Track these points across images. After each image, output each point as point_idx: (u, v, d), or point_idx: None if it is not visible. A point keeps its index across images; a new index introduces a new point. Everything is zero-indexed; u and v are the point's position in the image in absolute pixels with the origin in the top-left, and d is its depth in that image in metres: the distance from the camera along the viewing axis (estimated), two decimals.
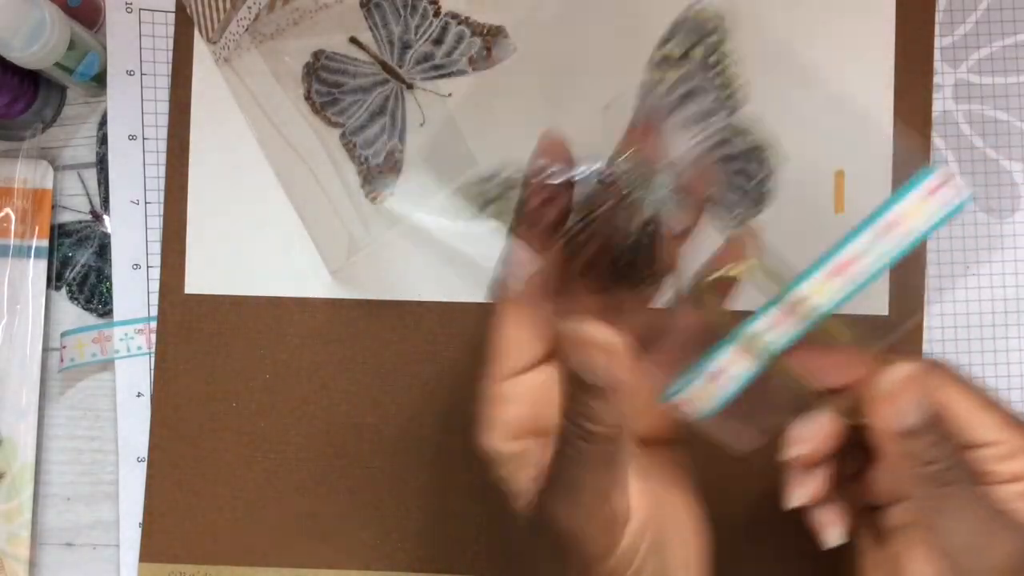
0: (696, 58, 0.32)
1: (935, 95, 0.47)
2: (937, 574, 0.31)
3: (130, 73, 0.47)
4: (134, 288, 0.47)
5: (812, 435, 0.34)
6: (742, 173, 0.34)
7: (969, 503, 0.31)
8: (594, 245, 0.32)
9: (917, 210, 0.32)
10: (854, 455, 0.34)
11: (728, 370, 0.33)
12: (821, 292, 0.32)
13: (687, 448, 0.36)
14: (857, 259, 0.32)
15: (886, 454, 0.32)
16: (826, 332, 0.33)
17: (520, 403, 0.31)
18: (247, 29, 0.46)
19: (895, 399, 0.31)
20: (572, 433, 0.29)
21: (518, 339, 0.31)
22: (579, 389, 0.29)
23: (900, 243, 0.32)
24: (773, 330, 0.33)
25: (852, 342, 0.34)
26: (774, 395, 0.34)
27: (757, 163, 0.35)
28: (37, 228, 0.47)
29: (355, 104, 0.47)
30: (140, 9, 0.47)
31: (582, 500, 0.28)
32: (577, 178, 0.32)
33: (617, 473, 0.30)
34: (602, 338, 0.29)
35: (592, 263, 0.32)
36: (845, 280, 0.32)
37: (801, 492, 0.34)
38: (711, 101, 0.33)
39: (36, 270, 0.47)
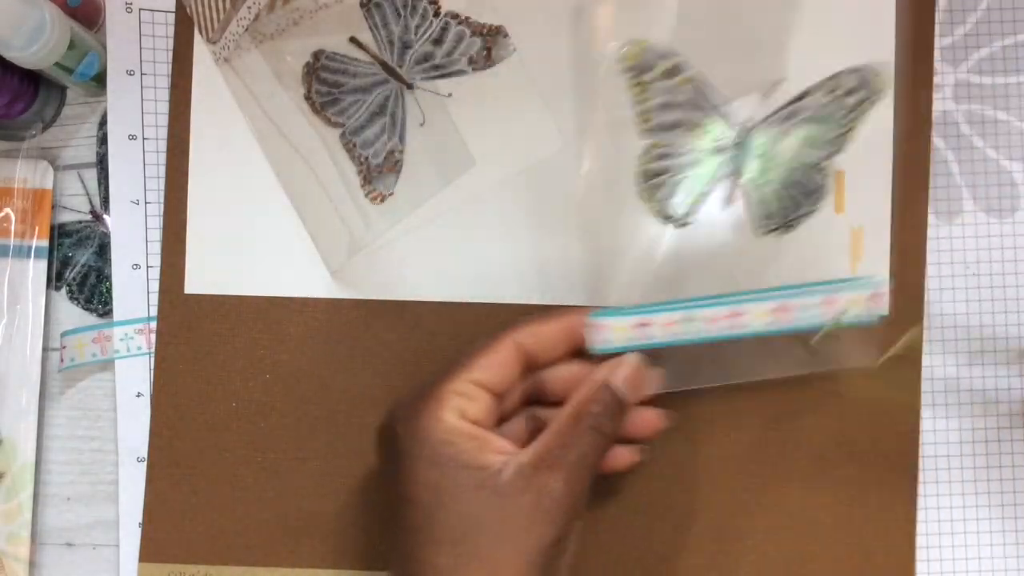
0: (849, 101, 0.40)
1: (935, 95, 0.47)
2: None
3: (130, 73, 0.47)
4: (134, 288, 0.47)
5: None
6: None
7: None
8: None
9: (854, 303, 0.39)
10: None
11: (653, 329, 0.39)
12: (758, 318, 0.39)
13: None
14: (795, 310, 0.38)
15: None
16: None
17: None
18: (247, 29, 0.46)
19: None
20: (590, 431, 0.37)
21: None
22: (611, 403, 0.38)
23: (826, 318, 0.39)
24: (709, 324, 0.38)
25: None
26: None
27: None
28: (37, 228, 0.47)
29: (355, 104, 0.47)
30: (140, 9, 0.47)
31: (582, 476, 0.37)
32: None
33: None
34: (646, 372, 0.39)
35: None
36: (778, 320, 0.39)
37: None
38: (828, 132, 0.41)
39: (36, 270, 0.47)
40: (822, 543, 0.46)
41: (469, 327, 0.46)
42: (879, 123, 0.46)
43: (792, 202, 0.41)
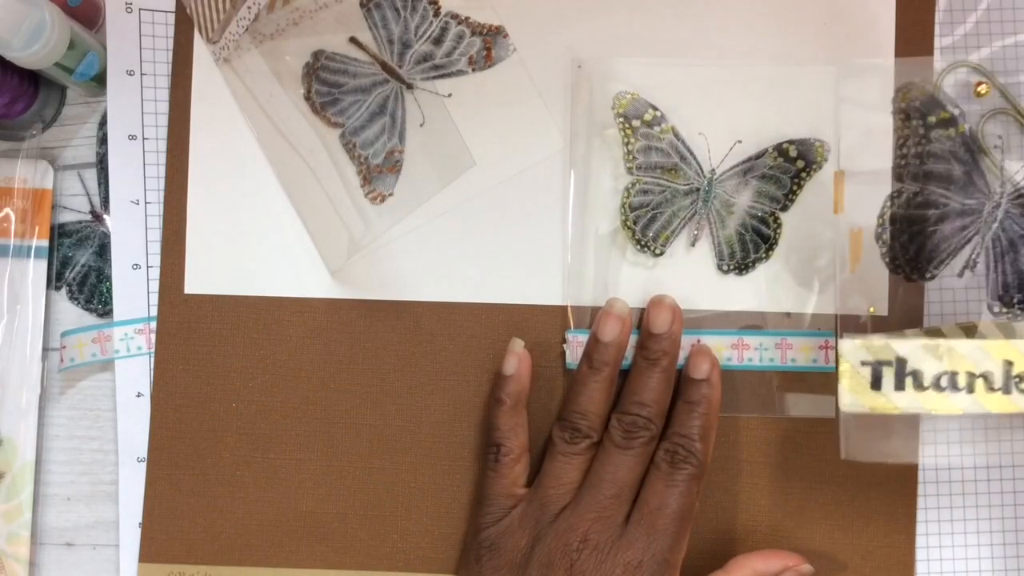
0: (795, 166, 0.46)
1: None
2: None
3: (130, 73, 0.47)
4: (134, 288, 0.47)
5: None
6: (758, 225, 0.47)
7: None
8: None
9: (808, 349, 0.45)
10: None
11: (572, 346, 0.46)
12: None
13: None
14: (750, 348, 0.46)
15: None
16: None
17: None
18: (247, 29, 0.46)
19: None
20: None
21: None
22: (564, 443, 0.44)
23: (780, 360, 0.46)
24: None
25: None
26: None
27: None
28: (37, 228, 0.47)
29: (355, 104, 0.47)
30: (140, 9, 0.47)
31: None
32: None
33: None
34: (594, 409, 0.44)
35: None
36: (736, 355, 0.46)
37: None
38: (776, 190, 0.46)
39: (36, 270, 0.47)
40: (822, 544, 0.46)
41: (469, 327, 0.47)
42: (877, 123, 0.46)
43: (747, 247, 0.46)
